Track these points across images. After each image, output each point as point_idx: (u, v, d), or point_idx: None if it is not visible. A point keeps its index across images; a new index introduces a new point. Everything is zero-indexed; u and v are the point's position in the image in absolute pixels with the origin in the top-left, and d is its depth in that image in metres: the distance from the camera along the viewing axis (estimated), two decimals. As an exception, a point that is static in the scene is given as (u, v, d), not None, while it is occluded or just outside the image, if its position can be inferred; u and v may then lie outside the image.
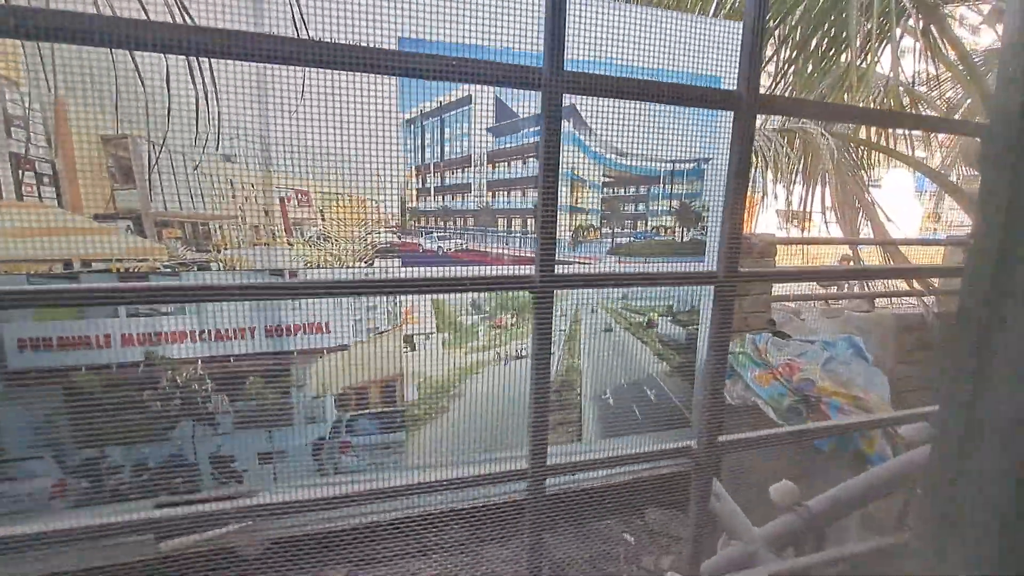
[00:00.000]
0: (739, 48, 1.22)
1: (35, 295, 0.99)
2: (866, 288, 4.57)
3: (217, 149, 1.90)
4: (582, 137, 2.41)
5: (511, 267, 2.37)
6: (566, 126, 2.38)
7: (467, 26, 1.27)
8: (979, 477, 0.72)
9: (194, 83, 1.77)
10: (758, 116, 1.27)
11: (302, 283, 1.03)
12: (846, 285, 5.29)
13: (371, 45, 1.04)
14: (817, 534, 1.58)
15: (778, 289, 3.61)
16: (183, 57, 1.72)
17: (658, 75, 2.34)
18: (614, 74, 1.15)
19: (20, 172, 1.84)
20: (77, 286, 1.64)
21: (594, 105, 2.13)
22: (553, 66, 1.05)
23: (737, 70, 1.21)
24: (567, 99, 2.30)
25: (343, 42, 0.94)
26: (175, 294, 1.08)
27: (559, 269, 1.18)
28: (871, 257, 4.55)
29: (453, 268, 2.28)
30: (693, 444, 1.38)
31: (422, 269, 2.25)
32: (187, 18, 1.62)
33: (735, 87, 1.23)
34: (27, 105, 1.82)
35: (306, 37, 1.76)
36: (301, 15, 1.73)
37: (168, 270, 1.97)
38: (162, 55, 1.75)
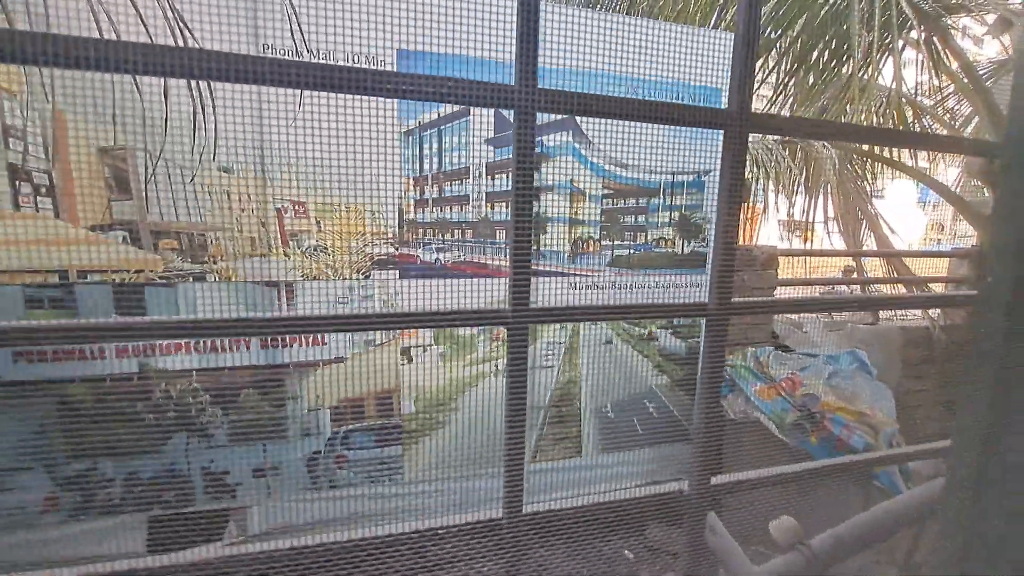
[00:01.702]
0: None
1: (30, 331, 0.97)
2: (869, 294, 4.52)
3: (214, 160, 1.89)
4: (581, 149, 2.40)
5: (497, 278, 2.35)
6: (565, 137, 2.37)
7: (460, 38, 1.26)
8: (998, 515, 0.68)
9: (191, 95, 1.77)
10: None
11: (269, 319, 1.00)
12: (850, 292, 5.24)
13: (367, 55, 1.03)
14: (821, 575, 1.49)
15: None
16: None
17: (660, 87, 2.33)
18: (612, 86, 1.12)
19: (17, 183, 1.83)
20: (76, 323, 1.63)
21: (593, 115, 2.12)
22: (525, 84, 1.01)
23: (727, 87, 1.17)
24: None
25: (326, 63, 0.93)
26: (164, 330, 1.06)
27: (556, 281, 1.15)
28: (875, 269, 4.51)
29: (440, 283, 2.26)
30: (684, 487, 1.30)
31: (419, 285, 2.23)
32: (187, 32, 1.62)
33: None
34: (25, 116, 1.81)
35: (303, 48, 1.76)
36: (300, 29, 1.73)
37: (164, 281, 1.96)
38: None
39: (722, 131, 1.21)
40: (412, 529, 1.12)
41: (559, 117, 2.31)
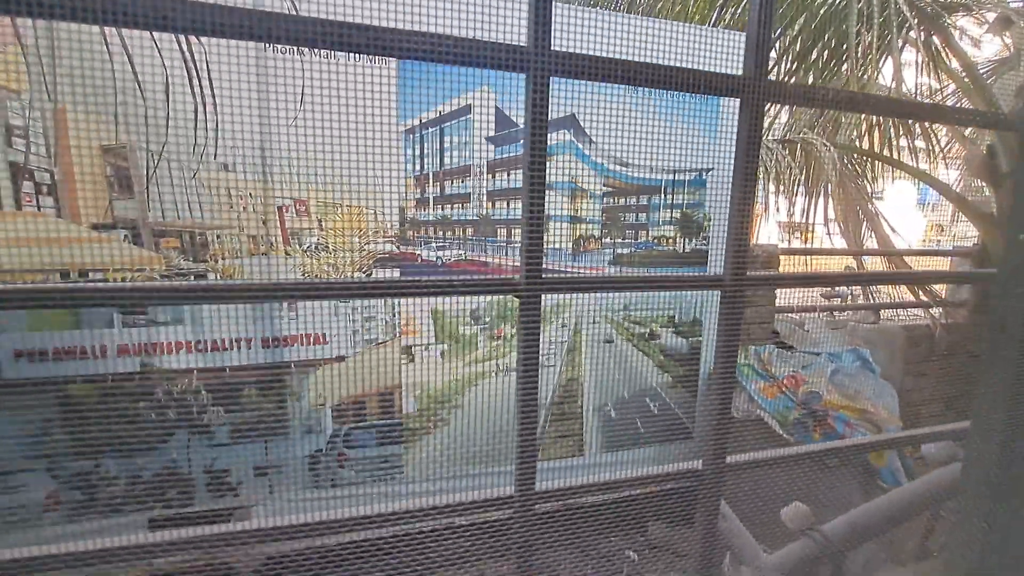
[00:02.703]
0: (742, 49, 1.16)
1: (32, 294, 0.96)
2: (871, 299, 4.52)
3: (215, 158, 1.90)
4: (582, 147, 2.40)
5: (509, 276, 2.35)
6: (566, 136, 2.37)
7: (460, 17, 1.25)
8: (1018, 495, 0.67)
9: (193, 92, 1.77)
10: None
11: (280, 284, 0.99)
12: (850, 296, 5.23)
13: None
14: (834, 562, 1.48)
15: (781, 300, 3.57)
16: (182, 66, 1.73)
17: (656, 92, 2.33)
18: (609, 88, 1.11)
19: (19, 181, 1.83)
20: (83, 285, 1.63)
21: (594, 114, 2.12)
22: (538, 46, 0.97)
23: (743, 53, 1.12)
24: (568, 108, 2.30)
25: (326, 18, 0.91)
26: (172, 296, 1.05)
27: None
28: (876, 268, 4.51)
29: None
30: (699, 465, 1.29)
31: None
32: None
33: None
34: (28, 115, 1.82)
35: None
36: (296, 7, 1.72)
37: (165, 279, 1.96)
38: (162, 63, 1.75)
39: (727, 126, 1.20)
40: (416, 529, 1.11)
41: (560, 116, 2.32)
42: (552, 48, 0.98)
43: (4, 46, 1.75)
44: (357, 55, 1.04)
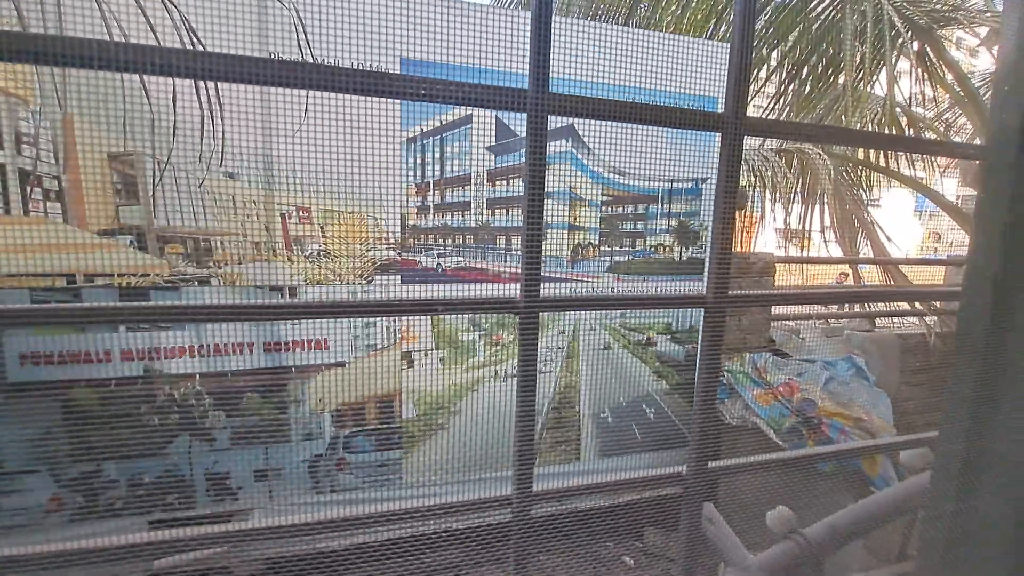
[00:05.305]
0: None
1: (38, 313, 1.00)
2: (867, 308, 4.56)
3: (220, 166, 1.93)
4: (581, 156, 2.44)
5: (509, 284, 2.39)
6: (565, 145, 2.41)
7: (464, 48, 1.30)
8: (985, 503, 0.71)
9: (199, 102, 1.81)
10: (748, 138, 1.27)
11: (291, 305, 1.03)
12: (846, 304, 5.27)
13: (372, 66, 1.07)
14: (815, 563, 1.53)
15: (777, 307, 3.60)
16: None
17: (655, 96, 2.38)
18: (609, 95, 1.16)
19: (28, 188, 1.87)
20: (83, 305, 1.66)
21: (593, 125, 2.16)
22: (539, 88, 1.05)
23: (724, 92, 1.22)
24: (566, 118, 2.34)
25: (341, 65, 0.96)
26: (176, 313, 1.08)
27: (556, 286, 1.18)
28: (871, 276, 4.55)
29: (441, 288, 2.29)
30: (683, 470, 1.35)
31: (415, 288, 2.26)
32: (194, 41, 1.66)
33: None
34: (37, 123, 1.85)
35: (308, 59, 1.81)
36: (306, 38, 1.78)
37: (169, 285, 1.99)
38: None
39: (718, 140, 1.25)
40: (409, 534, 1.14)
41: (559, 125, 2.36)
42: (550, 91, 1.06)
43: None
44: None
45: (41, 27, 1.61)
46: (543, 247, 1.15)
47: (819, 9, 3.37)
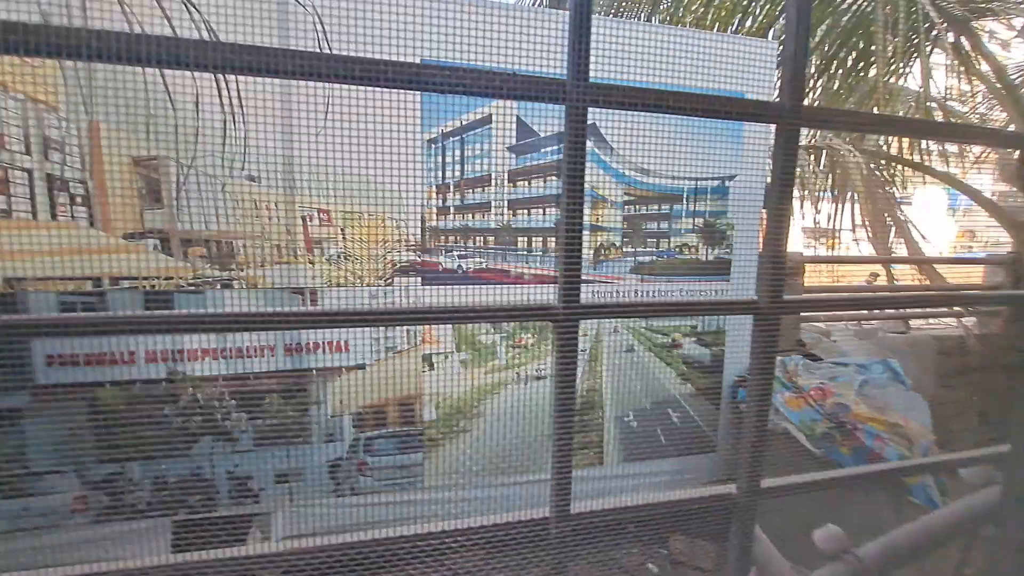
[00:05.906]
0: (763, 63, 1.16)
1: (62, 322, 0.98)
2: (901, 308, 4.40)
3: (243, 169, 1.93)
4: (603, 155, 2.39)
5: (532, 286, 2.34)
6: (587, 144, 2.37)
7: (491, 49, 1.26)
8: None
9: (222, 105, 1.81)
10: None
11: (322, 312, 0.99)
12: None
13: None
14: None
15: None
16: (212, 81, 1.77)
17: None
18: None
19: (55, 193, 1.89)
20: (112, 315, 1.66)
21: (615, 123, 2.11)
22: (577, 79, 0.98)
23: (779, 80, 1.13)
24: (589, 116, 2.29)
25: (366, 56, 0.92)
26: (202, 323, 1.06)
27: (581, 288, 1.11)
28: (904, 276, 4.39)
29: (474, 295, 2.25)
30: (733, 490, 1.25)
31: (442, 291, 2.23)
32: (213, 36, 1.66)
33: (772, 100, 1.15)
34: (64, 129, 1.88)
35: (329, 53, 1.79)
36: (326, 34, 1.76)
37: (192, 287, 2.00)
38: (192, 76, 1.80)
39: (750, 133, 1.19)
40: (430, 532, 1.09)
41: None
42: (590, 80, 0.99)
43: (42, 62, 1.81)
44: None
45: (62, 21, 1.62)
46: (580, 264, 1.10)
47: (849, 0, 3.27)
